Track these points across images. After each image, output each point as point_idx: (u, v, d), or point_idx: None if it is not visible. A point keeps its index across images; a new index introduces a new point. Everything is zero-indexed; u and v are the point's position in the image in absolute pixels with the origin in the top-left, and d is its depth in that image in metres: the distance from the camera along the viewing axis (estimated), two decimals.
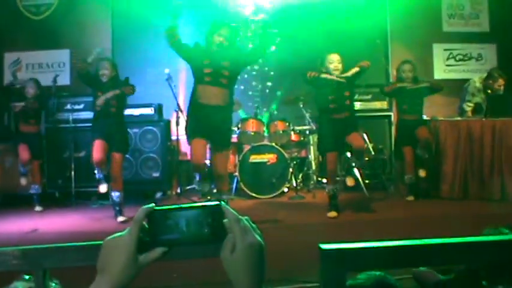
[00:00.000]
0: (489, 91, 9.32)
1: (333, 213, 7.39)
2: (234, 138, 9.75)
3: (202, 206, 1.31)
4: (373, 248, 1.30)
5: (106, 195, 7.91)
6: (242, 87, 10.63)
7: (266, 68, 11.23)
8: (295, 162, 9.62)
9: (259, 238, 1.31)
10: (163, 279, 4.09)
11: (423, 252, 1.32)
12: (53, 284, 2.13)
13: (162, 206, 1.32)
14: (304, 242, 6.02)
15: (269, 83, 11.25)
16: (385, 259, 1.32)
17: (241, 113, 10.34)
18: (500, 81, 9.21)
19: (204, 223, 1.29)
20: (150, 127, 9.74)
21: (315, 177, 9.80)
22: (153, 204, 1.31)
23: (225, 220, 1.30)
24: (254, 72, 11.18)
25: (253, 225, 1.33)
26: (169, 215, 1.31)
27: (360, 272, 2.13)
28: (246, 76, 10.88)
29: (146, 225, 1.30)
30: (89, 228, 7.12)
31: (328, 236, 6.42)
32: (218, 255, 1.30)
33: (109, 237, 1.31)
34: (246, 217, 1.33)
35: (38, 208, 8.76)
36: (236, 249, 1.28)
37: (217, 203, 1.31)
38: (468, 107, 9.50)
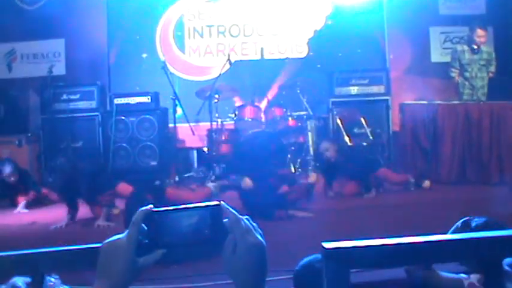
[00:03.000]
0: (474, 46, 9.39)
1: None
2: (231, 125, 9.77)
3: (202, 206, 1.29)
4: (377, 246, 1.28)
5: None
6: (239, 74, 10.59)
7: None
8: (292, 148, 9.59)
9: (260, 238, 1.30)
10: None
11: (428, 249, 1.31)
12: (52, 279, 2.12)
13: (160, 207, 1.30)
14: (303, 231, 6.06)
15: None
16: (389, 257, 1.30)
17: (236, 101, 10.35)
18: (479, 32, 9.30)
19: (204, 224, 1.28)
20: (147, 116, 9.70)
21: (312, 163, 9.78)
22: (151, 206, 1.29)
23: (225, 220, 1.28)
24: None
25: (254, 224, 1.32)
26: (169, 216, 1.29)
27: (364, 270, 2.13)
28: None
29: (145, 227, 1.28)
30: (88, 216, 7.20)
31: (327, 223, 6.42)
32: (219, 256, 1.28)
33: (107, 240, 1.29)
34: (246, 216, 1.32)
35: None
36: (237, 249, 1.27)
37: (217, 203, 1.29)
38: (453, 72, 9.64)
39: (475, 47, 9.36)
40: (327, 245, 1.27)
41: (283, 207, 6.87)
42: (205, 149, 9.60)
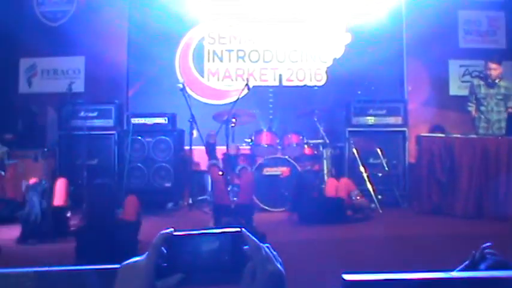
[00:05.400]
0: (489, 80, 9.40)
1: None
2: (247, 150, 9.77)
3: (222, 232, 1.28)
4: (397, 280, 1.26)
5: None
6: (256, 99, 10.62)
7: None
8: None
9: (280, 267, 1.28)
10: None
11: (449, 286, 1.28)
12: None
13: (180, 230, 1.28)
14: (315, 260, 6.02)
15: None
16: None
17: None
18: (491, 65, 9.35)
19: (224, 250, 1.27)
20: (164, 137, 9.76)
21: None
22: (172, 229, 1.28)
23: (245, 247, 1.27)
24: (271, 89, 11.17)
25: (274, 253, 1.30)
26: (189, 241, 1.28)
27: None
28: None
29: (164, 251, 1.27)
30: None
31: (340, 252, 6.38)
32: (238, 283, 1.26)
33: (126, 262, 1.28)
34: (266, 245, 1.30)
35: None
36: (257, 278, 1.25)
37: (238, 229, 1.28)
38: (470, 107, 9.64)
39: (490, 81, 9.35)
40: (347, 276, 1.25)
41: None
42: (220, 173, 9.57)
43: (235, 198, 8.32)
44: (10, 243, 6.94)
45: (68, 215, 7.46)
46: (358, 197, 8.46)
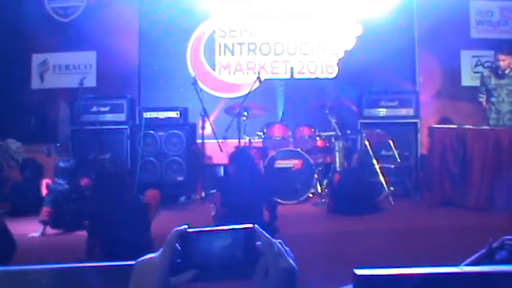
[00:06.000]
0: (499, 71, 9.39)
1: None
2: (260, 142, 9.78)
3: (235, 228, 1.30)
4: (410, 274, 1.26)
5: None
6: (268, 92, 10.62)
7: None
8: (320, 168, 9.59)
9: (292, 262, 1.29)
10: None
11: (462, 280, 1.28)
12: None
13: (194, 228, 1.30)
14: (326, 252, 6.03)
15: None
16: (424, 286, 1.28)
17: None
18: (500, 57, 9.30)
19: (237, 246, 1.28)
20: (176, 131, 9.76)
21: None
22: (186, 226, 1.29)
23: (258, 243, 1.28)
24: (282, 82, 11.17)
25: (287, 248, 1.32)
26: (202, 237, 1.30)
27: None
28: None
29: (179, 247, 1.28)
30: None
31: (350, 245, 6.39)
32: (250, 279, 1.28)
33: (141, 259, 1.29)
34: (279, 240, 1.31)
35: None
36: (269, 273, 1.26)
37: (251, 226, 1.29)
38: (481, 98, 9.65)
39: (500, 72, 9.31)
40: (359, 271, 1.25)
41: None
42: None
43: None
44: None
45: None
46: None
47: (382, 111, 10.12)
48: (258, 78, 9.75)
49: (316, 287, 3.88)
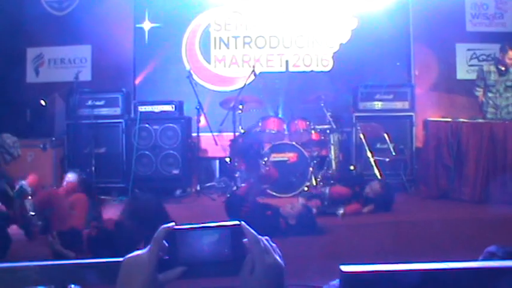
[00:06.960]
0: (502, 68, 9.33)
1: None
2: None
3: (222, 226, 1.31)
4: (396, 271, 1.27)
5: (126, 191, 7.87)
6: (263, 85, 10.61)
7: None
8: (315, 161, 9.59)
9: (278, 259, 1.30)
10: None
11: (450, 277, 1.29)
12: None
13: (181, 225, 1.31)
14: (320, 246, 6.05)
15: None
16: (409, 283, 1.28)
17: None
18: (511, 54, 9.17)
19: (224, 243, 1.29)
20: (171, 124, 9.76)
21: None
22: (173, 223, 1.30)
23: (244, 240, 1.29)
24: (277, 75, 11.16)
25: (273, 245, 1.32)
26: (190, 234, 1.31)
27: None
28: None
29: (166, 244, 1.29)
30: None
31: (344, 238, 6.41)
32: (237, 275, 1.29)
33: (128, 256, 1.30)
34: (265, 237, 1.32)
35: None
36: (255, 270, 1.28)
37: (237, 223, 1.30)
38: (478, 92, 9.63)
39: (503, 68, 9.26)
40: (346, 268, 1.26)
41: None
42: (228, 159, 9.62)
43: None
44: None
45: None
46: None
47: (377, 105, 10.12)
48: (253, 71, 9.76)
49: (305, 281, 3.89)
